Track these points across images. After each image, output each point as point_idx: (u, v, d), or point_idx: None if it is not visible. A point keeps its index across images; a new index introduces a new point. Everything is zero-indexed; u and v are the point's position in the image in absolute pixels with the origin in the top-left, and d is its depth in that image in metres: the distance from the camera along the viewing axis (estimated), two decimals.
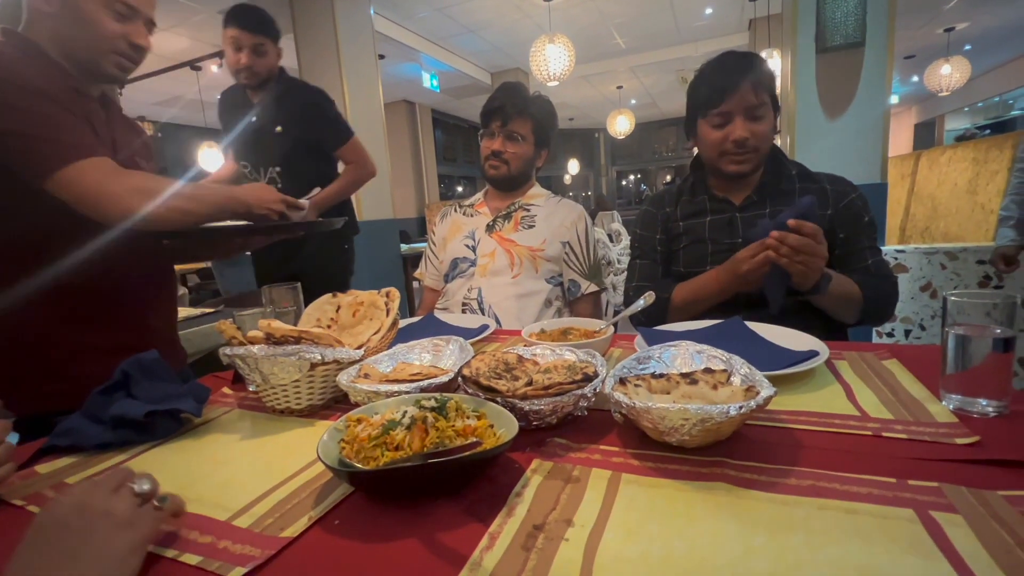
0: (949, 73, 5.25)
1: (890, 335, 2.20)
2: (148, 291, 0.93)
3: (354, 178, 1.92)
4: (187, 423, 0.70)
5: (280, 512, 0.47)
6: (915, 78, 7.46)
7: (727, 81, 0.99)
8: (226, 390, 0.83)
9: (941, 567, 0.34)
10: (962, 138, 4.21)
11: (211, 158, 5.30)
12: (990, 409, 0.55)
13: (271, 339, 0.67)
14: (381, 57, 4.89)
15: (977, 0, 4.78)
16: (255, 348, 0.66)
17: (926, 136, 9.27)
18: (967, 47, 6.25)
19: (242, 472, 0.56)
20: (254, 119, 1.80)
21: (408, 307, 4.01)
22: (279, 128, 1.81)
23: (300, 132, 1.82)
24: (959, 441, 0.49)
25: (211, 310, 1.54)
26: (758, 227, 0.90)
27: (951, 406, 0.57)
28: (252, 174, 1.88)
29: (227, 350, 0.68)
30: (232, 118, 1.84)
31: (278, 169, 1.85)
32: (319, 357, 0.67)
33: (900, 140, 9.42)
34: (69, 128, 0.80)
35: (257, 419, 0.71)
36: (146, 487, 0.42)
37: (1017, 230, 1.70)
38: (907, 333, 2.20)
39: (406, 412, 0.51)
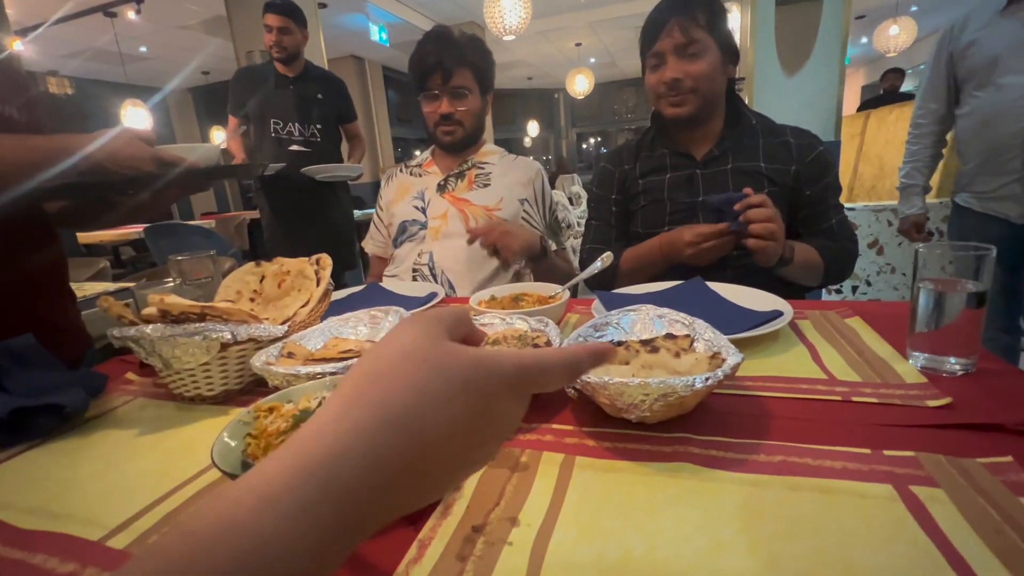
0: (897, 34, 5.35)
1: (838, 291, 2.26)
2: (21, 264, 0.78)
3: (363, 150, 2.58)
4: (75, 418, 0.59)
5: (168, 527, 0.39)
6: (864, 39, 7.59)
7: (658, 20, 0.95)
8: (131, 376, 0.73)
9: (929, 555, 0.30)
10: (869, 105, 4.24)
11: (136, 117, 4.83)
12: (958, 368, 0.52)
13: (168, 316, 0.57)
14: (322, 6, 4.51)
15: None
16: (148, 328, 0.56)
17: (874, 97, 9.55)
18: (913, 8, 6.37)
19: (130, 477, 0.47)
20: (292, 86, 2.29)
21: (363, 276, 3.85)
22: (320, 95, 2.34)
23: (335, 101, 2.40)
24: (931, 404, 0.46)
25: (128, 285, 1.38)
26: (710, 205, 0.87)
27: (918, 365, 0.54)
28: (284, 131, 2.29)
29: (116, 331, 0.57)
30: (261, 88, 2.27)
31: (319, 126, 2.34)
32: (229, 336, 0.57)
33: (850, 100, 9.65)
34: None
35: (163, 409, 0.61)
36: None
37: (923, 197, 1.67)
38: (854, 289, 2.26)
39: (322, 399, 0.43)
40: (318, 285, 0.75)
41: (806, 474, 0.39)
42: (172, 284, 0.84)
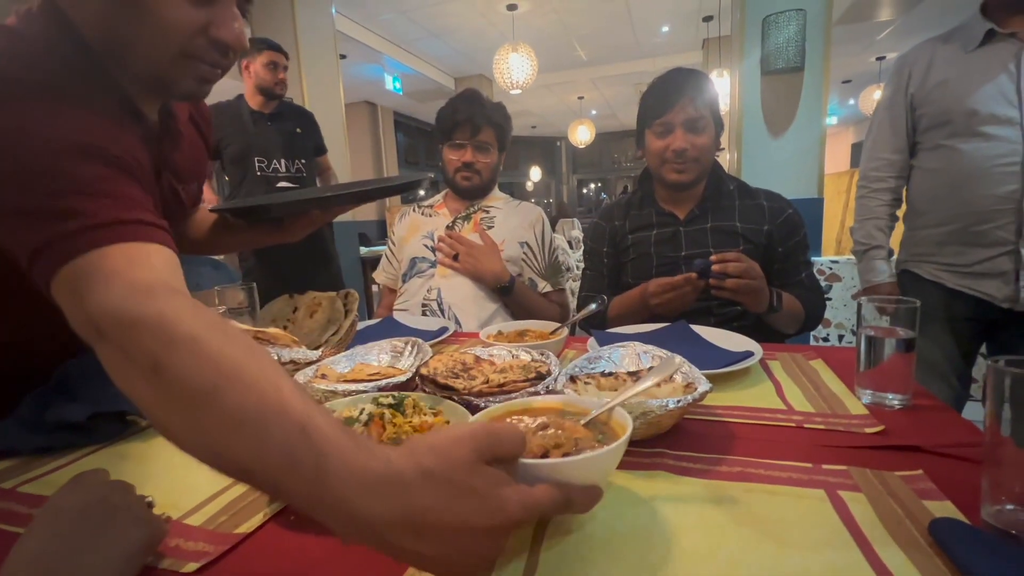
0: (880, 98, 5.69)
1: (825, 340, 2.36)
2: None
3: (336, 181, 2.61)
4: (134, 425, 0.68)
5: (234, 510, 0.47)
6: (852, 101, 8.03)
7: (670, 94, 1.07)
8: None
9: (843, 537, 0.39)
10: None
11: None
12: (896, 402, 0.61)
13: None
14: (343, 57, 4.82)
15: (904, 34, 5.21)
16: None
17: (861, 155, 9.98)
18: None
19: (193, 473, 0.55)
20: (270, 123, 2.29)
21: (367, 310, 3.95)
22: (299, 130, 2.37)
23: (311, 135, 2.44)
24: (867, 430, 0.56)
25: None
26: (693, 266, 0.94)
27: (864, 400, 0.64)
28: (270, 168, 2.29)
29: None
30: (238, 126, 2.25)
31: (303, 161, 2.37)
32: (275, 358, 0.67)
33: (839, 158, 10.09)
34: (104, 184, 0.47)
35: None
36: (150, 498, 0.43)
37: (889, 262, 1.32)
38: (840, 338, 2.36)
39: (363, 409, 0.52)
40: (346, 317, 0.85)
41: (757, 481, 0.47)
42: (212, 311, 0.93)
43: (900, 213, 1.37)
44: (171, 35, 0.51)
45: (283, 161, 2.31)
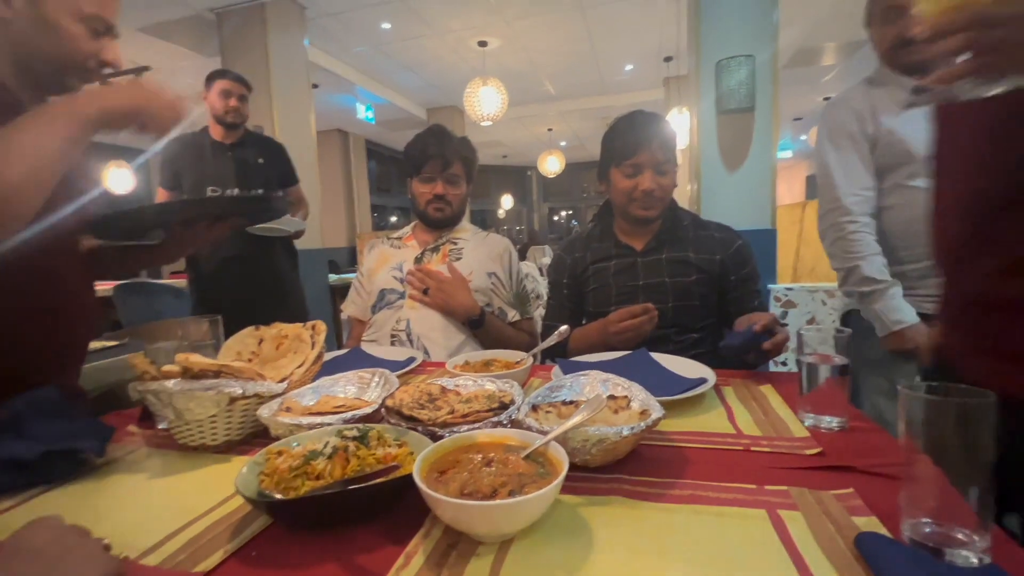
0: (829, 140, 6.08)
1: (783, 364, 2.45)
2: (59, 311, 0.81)
3: (306, 212, 2.54)
4: (87, 464, 0.66)
5: (194, 548, 0.46)
6: (803, 137, 8.55)
7: (641, 137, 1.14)
8: (132, 428, 0.79)
9: (780, 556, 0.42)
10: None
11: (120, 178, 4.92)
12: (834, 425, 0.66)
13: (188, 373, 0.66)
14: (315, 86, 4.86)
15: (847, 76, 5.63)
16: (170, 383, 0.65)
17: (815, 187, 10.57)
18: None
19: (152, 511, 0.54)
20: (230, 153, 2.26)
21: (336, 339, 3.88)
22: (261, 160, 2.32)
23: (276, 164, 2.40)
24: (807, 452, 0.60)
25: (113, 343, 1.43)
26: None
27: (807, 423, 0.68)
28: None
29: (139, 385, 0.66)
30: (196, 157, 2.24)
31: (261, 191, 2.28)
32: (239, 391, 0.67)
33: (795, 190, 10.65)
34: None
35: (168, 457, 0.69)
36: (106, 539, 0.43)
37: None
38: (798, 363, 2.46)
39: (328, 442, 0.53)
40: (312, 348, 0.86)
41: (706, 503, 0.50)
42: (164, 344, 0.90)
43: None
44: (76, 58, 0.75)
45: (237, 192, 2.23)
